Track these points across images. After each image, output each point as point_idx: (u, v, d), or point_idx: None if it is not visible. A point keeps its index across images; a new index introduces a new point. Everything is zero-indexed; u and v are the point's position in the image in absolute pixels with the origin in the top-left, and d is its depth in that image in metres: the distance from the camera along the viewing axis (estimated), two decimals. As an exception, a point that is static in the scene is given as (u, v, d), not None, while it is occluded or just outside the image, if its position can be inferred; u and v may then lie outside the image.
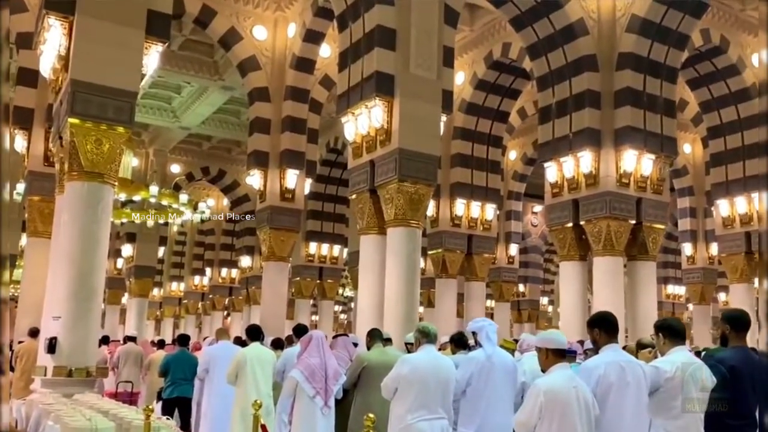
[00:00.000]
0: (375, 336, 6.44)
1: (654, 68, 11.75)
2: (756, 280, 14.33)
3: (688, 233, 18.24)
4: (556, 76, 12.20)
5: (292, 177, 14.18)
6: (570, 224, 11.63)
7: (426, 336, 4.95)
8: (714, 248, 17.84)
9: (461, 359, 5.60)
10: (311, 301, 21.56)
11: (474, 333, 5.44)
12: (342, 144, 19.33)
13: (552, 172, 12.02)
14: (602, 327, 3.97)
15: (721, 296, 20.35)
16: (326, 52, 15.31)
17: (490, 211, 15.44)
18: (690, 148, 19.07)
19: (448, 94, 10.39)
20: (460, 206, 15.03)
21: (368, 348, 6.41)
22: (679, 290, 21.80)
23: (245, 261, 22.96)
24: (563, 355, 3.80)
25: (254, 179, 14.44)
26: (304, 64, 14.52)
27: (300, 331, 7.52)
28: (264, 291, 14.07)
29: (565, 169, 11.76)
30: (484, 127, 15.56)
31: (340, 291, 31.68)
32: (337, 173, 20.82)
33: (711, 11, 12.57)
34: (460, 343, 6.15)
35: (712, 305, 18.87)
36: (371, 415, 3.89)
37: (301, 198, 14.47)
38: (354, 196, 10.46)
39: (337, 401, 5.80)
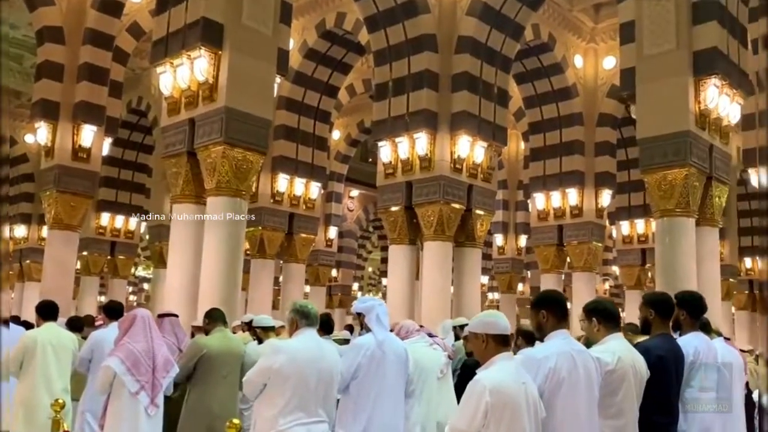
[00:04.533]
0: (216, 318, 5.29)
1: (490, 56, 11.72)
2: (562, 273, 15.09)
3: (500, 225, 18.82)
4: (395, 52, 11.75)
5: (88, 133, 12.15)
6: (402, 207, 11.16)
7: (305, 317, 3.91)
8: (522, 240, 18.67)
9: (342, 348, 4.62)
10: (99, 280, 19.23)
11: (360, 314, 4.43)
12: (147, 105, 17.30)
13: (386, 152, 11.48)
14: (550, 308, 3.21)
15: (519, 286, 21.39)
16: (137, -5, 13.43)
17: (315, 189, 14.49)
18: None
19: (284, 53, 9.41)
20: (282, 182, 13.88)
21: (206, 332, 5.23)
22: (483, 279, 22.65)
23: (20, 231, 19.82)
24: (507, 342, 3.00)
25: (40, 133, 12.16)
26: (110, 6, 12.66)
27: (113, 309, 6.07)
28: (47, 265, 11.88)
29: (399, 150, 11.30)
30: (312, 100, 14.57)
31: (134, 270, 29.04)
32: (139, 137, 18.76)
33: (542, 7, 12.76)
34: (327, 327, 5.13)
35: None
36: (236, 421, 2.81)
37: (98, 158, 12.47)
38: (166, 159, 9.01)
39: (166, 398, 4.60)
